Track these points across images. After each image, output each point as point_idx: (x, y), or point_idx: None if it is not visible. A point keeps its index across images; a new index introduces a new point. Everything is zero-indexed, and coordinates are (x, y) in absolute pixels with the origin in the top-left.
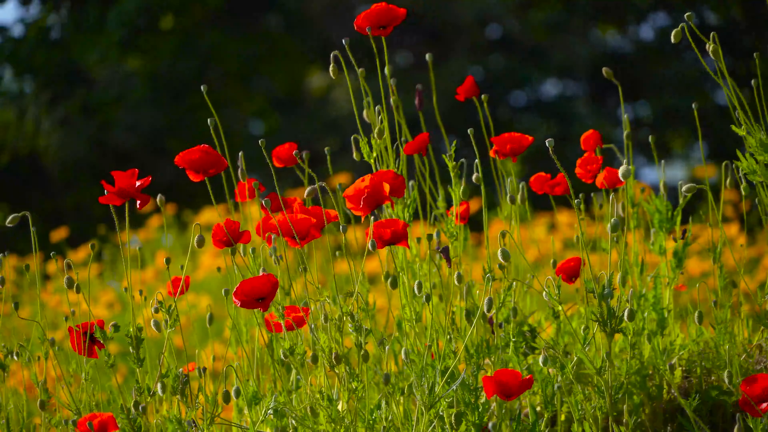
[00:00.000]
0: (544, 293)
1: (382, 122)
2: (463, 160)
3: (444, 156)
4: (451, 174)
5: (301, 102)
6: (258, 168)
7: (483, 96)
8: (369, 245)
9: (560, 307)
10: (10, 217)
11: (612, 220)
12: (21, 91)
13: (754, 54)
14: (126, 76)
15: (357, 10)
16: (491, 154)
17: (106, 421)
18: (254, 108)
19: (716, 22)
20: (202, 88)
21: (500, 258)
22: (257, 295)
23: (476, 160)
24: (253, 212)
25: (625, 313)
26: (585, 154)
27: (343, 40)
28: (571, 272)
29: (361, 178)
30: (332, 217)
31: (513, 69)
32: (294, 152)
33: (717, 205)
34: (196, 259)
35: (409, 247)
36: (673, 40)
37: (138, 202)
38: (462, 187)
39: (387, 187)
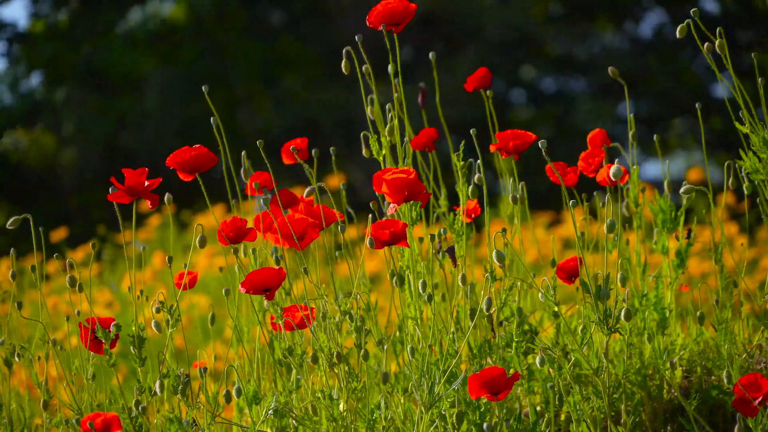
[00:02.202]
0: (540, 295)
1: (392, 120)
2: (471, 160)
3: (453, 155)
4: (459, 174)
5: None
6: (271, 164)
7: (488, 92)
8: (367, 243)
9: (556, 308)
10: (11, 220)
11: (608, 220)
12: (34, 91)
13: (753, 54)
14: (141, 77)
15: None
16: (491, 149)
17: (110, 421)
18: (271, 107)
19: (713, 15)
20: (203, 88)
21: (495, 260)
22: (265, 286)
23: (478, 161)
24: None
25: (622, 313)
26: (589, 150)
27: (356, 37)
28: (570, 272)
29: (406, 168)
30: (334, 217)
31: (515, 66)
32: (291, 148)
33: (716, 205)
34: (192, 260)
35: (408, 246)
36: (678, 35)
37: (148, 201)
38: (471, 187)
39: (425, 186)
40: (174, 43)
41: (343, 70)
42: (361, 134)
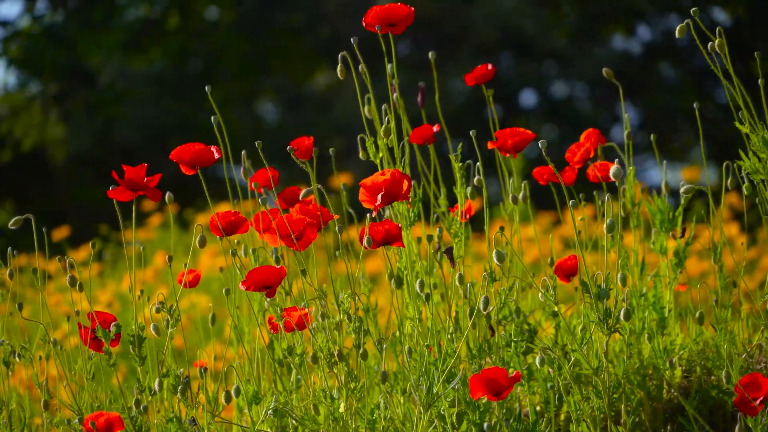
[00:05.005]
0: (540, 294)
1: (389, 122)
2: (469, 162)
3: (451, 156)
4: (457, 175)
5: (309, 100)
6: (270, 163)
7: (489, 90)
8: (365, 243)
9: (556, 308)
10: (13, 219)
11: (608, 220)
12: (24, 88)
13: (756, 54)
14: (130, 75)
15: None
16: (489, 146)
17: (113, 421)
18: (262, 105)
19: (722, 21)
20: (206, 89)
21: (495, 260)
22: (265, 283)
23: (478, 163)
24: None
25: (621, 313)
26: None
27: (352, 39)
28: (568, 271)
29: (381, 171)
30: (330, 216)
31: (519, 70)
32: (288, 148)
33: (717, 206)
34: (195, 259)
35: (403, 246)
36: (677, 35)
37: (148, 197)
38: (470, 189)
39: (406, 185)
40: (160, 41)
41: (339, 74)
42: (358, 137)
